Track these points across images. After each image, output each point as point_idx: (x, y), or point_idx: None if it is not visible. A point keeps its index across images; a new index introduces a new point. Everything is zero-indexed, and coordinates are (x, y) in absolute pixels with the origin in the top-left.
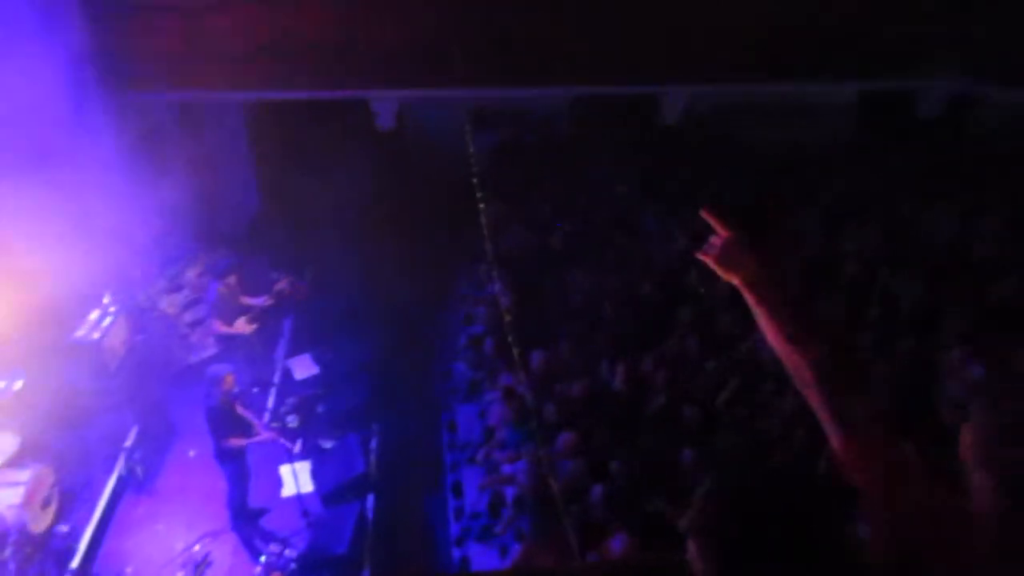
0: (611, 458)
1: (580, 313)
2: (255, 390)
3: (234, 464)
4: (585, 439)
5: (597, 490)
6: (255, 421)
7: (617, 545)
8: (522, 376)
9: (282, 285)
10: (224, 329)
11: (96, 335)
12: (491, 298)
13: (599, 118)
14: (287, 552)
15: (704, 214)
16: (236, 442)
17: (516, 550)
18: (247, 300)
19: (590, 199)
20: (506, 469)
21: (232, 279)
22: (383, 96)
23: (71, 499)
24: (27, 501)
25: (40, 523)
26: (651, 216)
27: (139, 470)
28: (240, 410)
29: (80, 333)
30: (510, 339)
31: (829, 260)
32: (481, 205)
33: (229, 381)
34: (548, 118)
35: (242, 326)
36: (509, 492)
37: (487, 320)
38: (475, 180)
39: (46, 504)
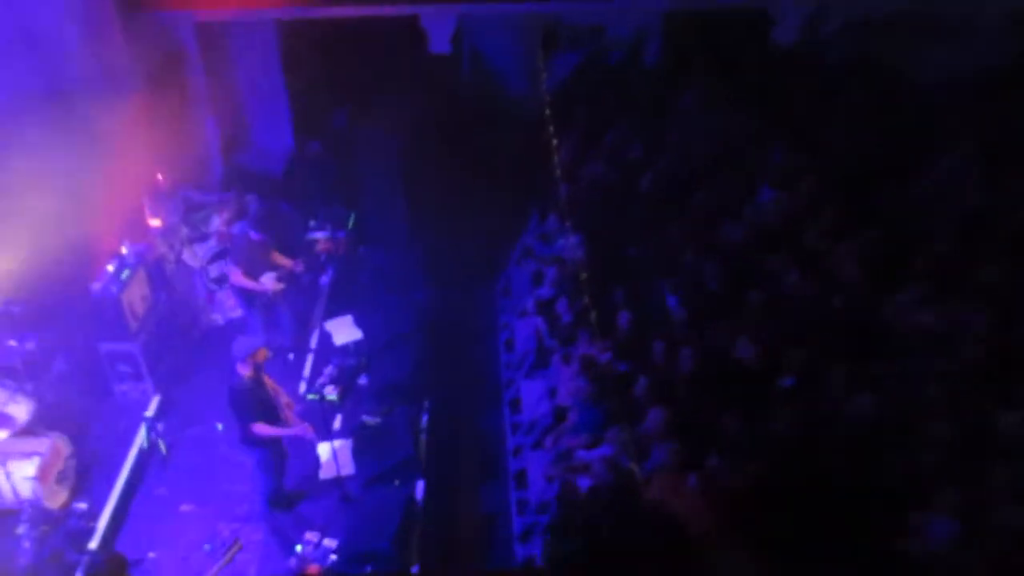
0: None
1: (675, 270)
2: (290, 356)
3: (263, 448)
4: (684, 418)
5: (691, 480)
6: (286, 400)
7: None
8: (603, 345)
9: (322, 245)
10: (244, 282)
11: (114, 290)
12: (564, 253)
13: (697, 37)
14: (325, 542)
15: None
16: (263, 429)
17: None
18: (279, 259)
19: (684, 135)
20: (580, 456)
21: (225, 218)
22: (437, 13)
23: (89, 474)
24: (42, 474)
25: (56, 499)
26: (763, 158)
27: (162, 444)
28: (270, 388)
29: (96, 287)
30: (587, 301)
31: (991, 211)
32: (554, 142)
33: (261, 356)
34: (636, 37)
35: (268, 283)
36: (583, 483)
37: (559, 279)
38: (547, 112)
39: (62, 478)
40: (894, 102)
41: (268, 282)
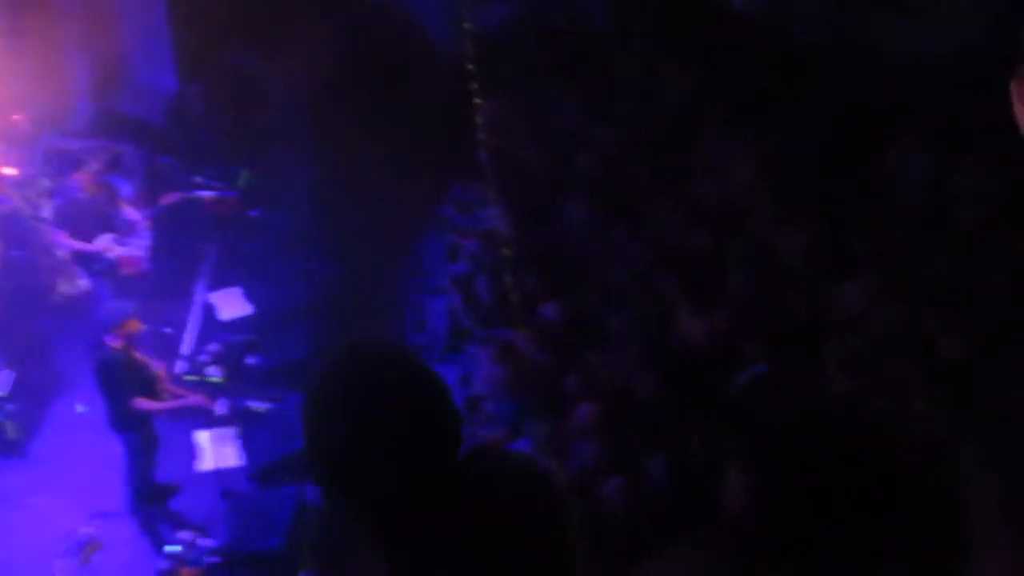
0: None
1: (606, 256)
2: (167, 331)
3: (136, 432)
4: (613, 416)
5: (615, 483)
6: (161, 371)
7: None
8: (526, 331)
9: (208, 205)
10: (74, 244)
11: None
12: (485, 227)
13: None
14: (202, 542)
15: None
16: (140, 405)
17: None
18: (127, 209)
19: (630, 106)
20: None
21: (85, 177)
22: None
23: None
24: None
25: None
26: (709, 135)
27: (12, 428)
28: (142, 360)
29: None
30: (510, 282)
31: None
32: (477, 101)
33: (132, 327)
34: None
35: (106, 244)
36: None
37: (478, 255)
38: (470, 67)
39: None
40: (856, 81)
41: (105, 244)
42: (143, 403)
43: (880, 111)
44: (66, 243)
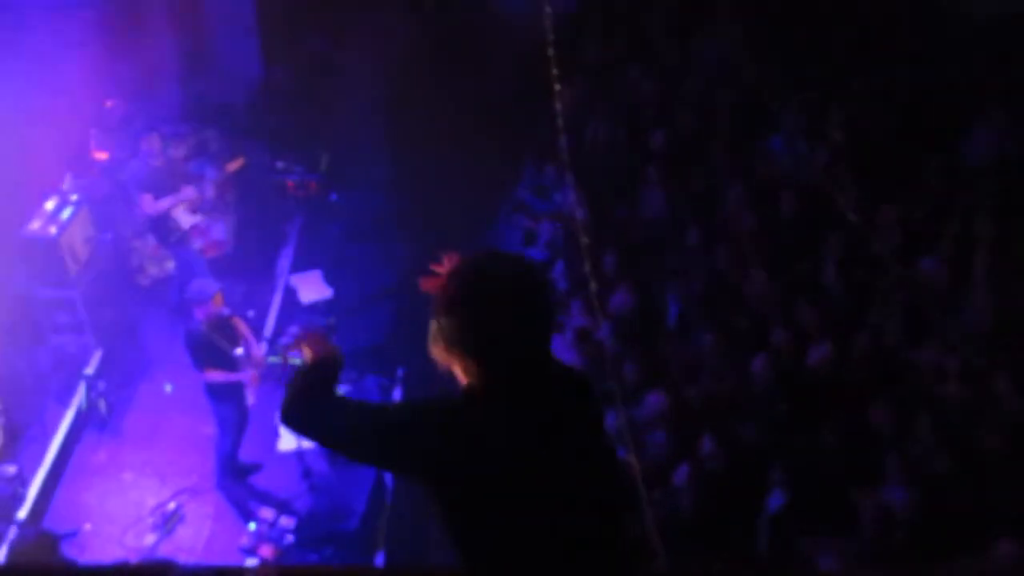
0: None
1: (683, 240)
2: (250, 313)
3: (229, 405)
4: (682, 404)
5: (682, 472)
6: (244, 357)
7: None
8: (600, 320)
9: (291, 189)
10: (158, 205)
11: (53, 230)
12: (561, 211)
13: None
14: (282, 521)
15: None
16: (213, 375)
17: None
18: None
19: (708, 83)
20: None
21: (155, 143)
22: None
23: (19, 435)
24: None
25: None
26: (790, 112)
27: (103, 405)
28: (240, 333)
29: (33, 227)
30: (586, 270)
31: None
32: (556, 86)
33: (217, 301)
34: None
35: (180, 213)
36: None
37: (554, 240)
38: (551, 51)
39: None
40: (943, 45)
41: (179, 212)
42: (212, 374)
43: (959, 82)
44: (150, 206)
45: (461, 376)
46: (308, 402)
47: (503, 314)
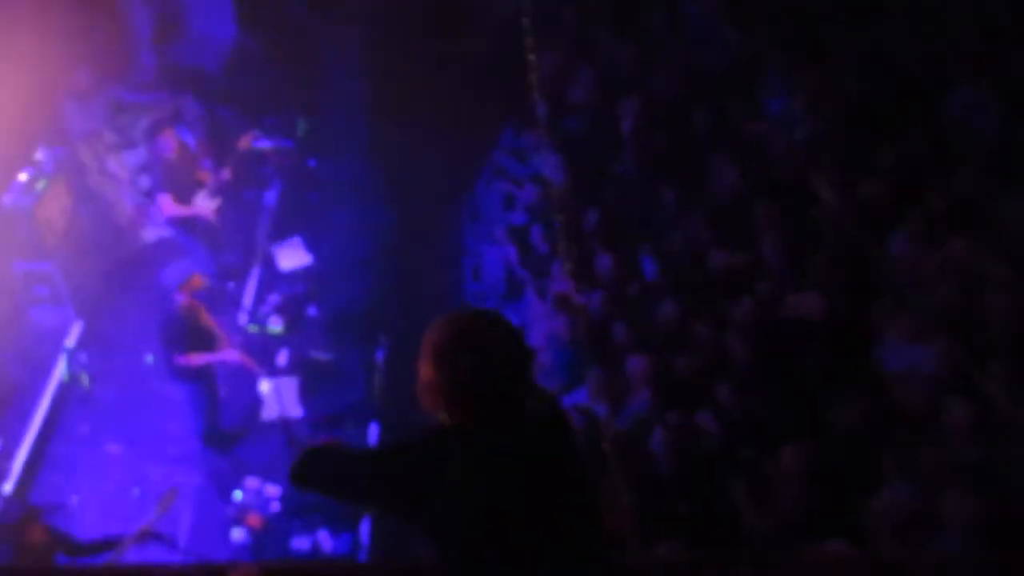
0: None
1: (663, 206)
2: (230, 285)
3: (198, 382)
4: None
5: (658, 436)
6: (222, 335)
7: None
8: (581, 284)
9: (268, 156)
10: (179, 210)
11: (27, 201)
12: (540, 175)
13: None
14: (267, 489)
15: None
16: (194, 359)
17: None
18: (203, 174)
19: (691, 48)
20: None
21: (171, 137)
22: None
23: (2, 409)
24: None
25: None
26: (770, 79)
27: (84, 377)
28: (206, 319)
29: (7, 199)
30: (565, 233)
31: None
32: (531, 49)
33: (196, 283)
34: None
35: (204, 206)
36: None
37: (534, 204)
38: (525, 18)
39: None
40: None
41: (204, 203)
42: (193, 357)
43: (945, 53)
44: (169, 208)
45: (447, 418)
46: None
47: (484, 366)
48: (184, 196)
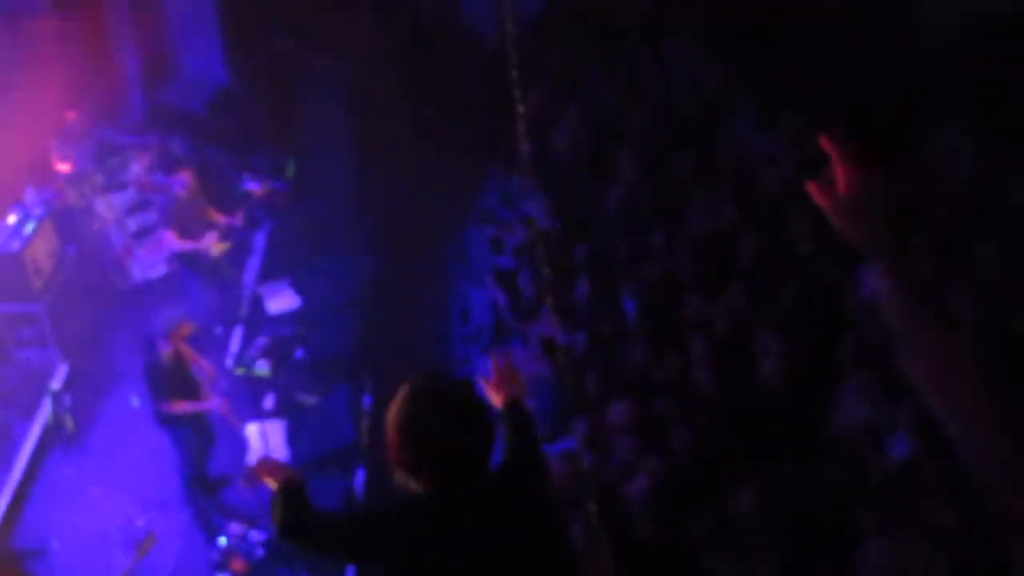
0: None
1: (647, 248)
2: (217, 330)
3: (181, 427)
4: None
5: (640, 482)
6: (209, 371)
7: None
8: (564, 323)
9: (257, 197)
10: (182, 244)
11: (15, 244)
12: (527, 218)
13: None
14: (252, 534)
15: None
16: (177, 407)
17: None
18: (214, 215)
19: (668, 90)
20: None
21: (185, 174)
22: None
23: None
24: None
25: None
26: (747, 119)
27: (69, 420)
28: (192, 362)
29: None
30: (551, 273)
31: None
32: (516, 89)
33: (185, 331)
34: None
35: (211, 244)
36: None
37: (521, 248)
38: (511, 53)
39: None
40: (899, 50)
41: (211, 243)
42: (177, 405)
43: (925, 84)
44: (174, 243)
45: (416, 486)
46: (297, 523)
47: (445, 439)
48: (191, 233)
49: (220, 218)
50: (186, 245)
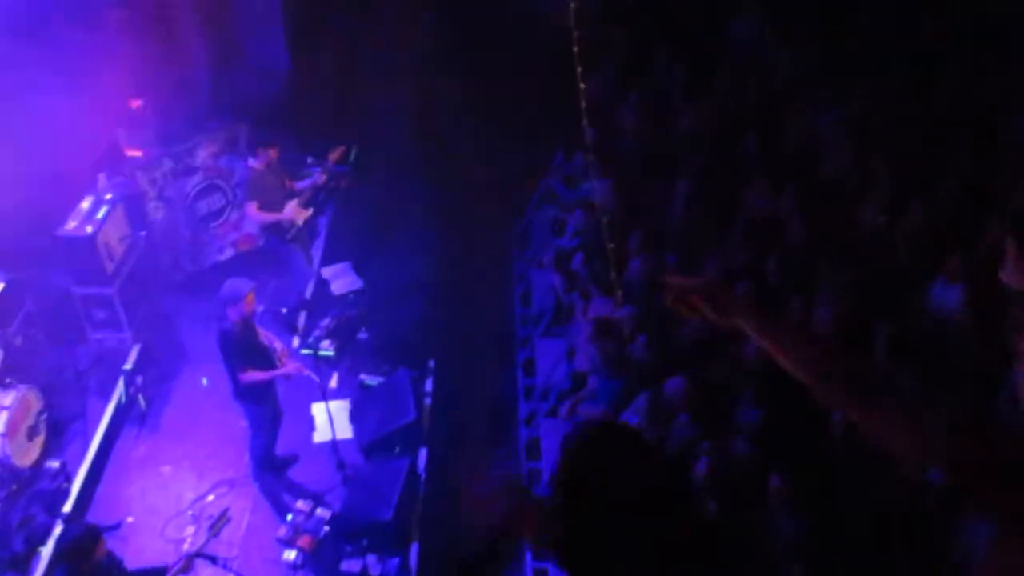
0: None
1: (711, 227)
2: (283, 310)
3: (258, 404)
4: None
5: (702, 464)
6: (280, 348)
7: None
8: (619, 302)
9: (321, 181)
10: (265, 216)
11: (89, 229)
12: (588, 200)
13: None
14: (318, 511)
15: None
16: (253, 376)
17: None
18: (292, 184)
19: (735, 68)
20: None
21: (272, 153)
22: None
23: (61, 431)
24: (10, 429)
25: (26, 456)
26: (809, 97)
27: (141, 400)
28: (262, 335)
29: (70, 226)
30: (609, 252)
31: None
32: (581, 83)
33: (250, 300)
34: None
35: (294, 212)
36: None
37: (582, 229)
38: (576, 39)
39: (33, 434)
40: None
41: (294, 211)
42: (251, 375)
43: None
44: (256, 216)
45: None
46: None
47: (616, 540)
48: (272, 206)
49: (300, 185)
50: (269, 217)
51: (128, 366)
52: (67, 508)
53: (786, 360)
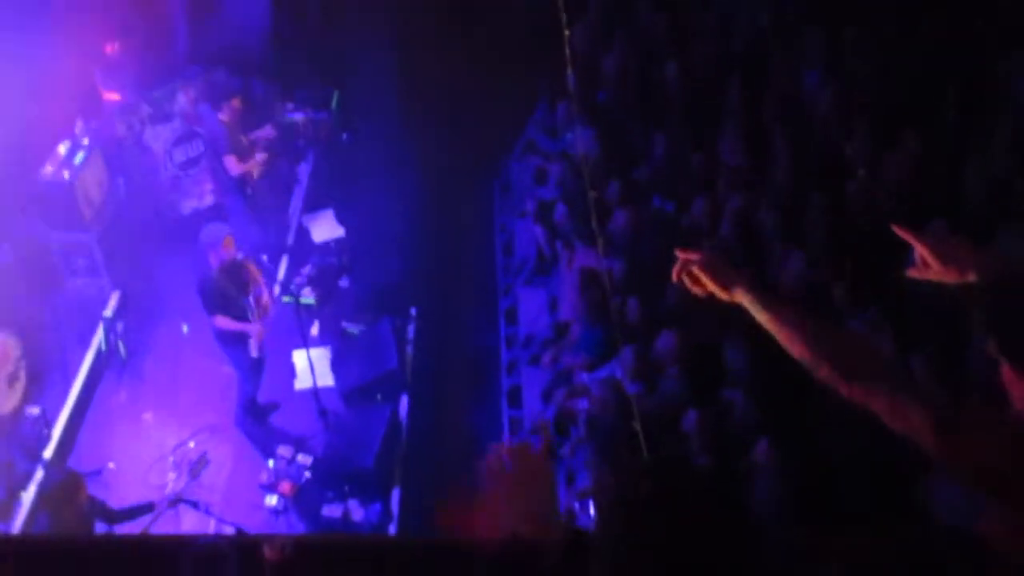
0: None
1: (688, 178)
2: (263, 257)
3: (241, 348)
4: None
5: (691, 417)
6: (266, 299)
7: None
8: (603, 253)
9: (301, 128)
10: (237, 167)
11: (66, 175)
12: (571, 149)
13: None
14: (299, 458)
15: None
16: (221, 321)
17: (585, 480)
18: (249, 136)
19: (721, 23)
20: (581, 378)
21: (235, 103)
22: None
23: (41, 377)
24: None
25: (6, 403)
26: (790, 55)
27: (121, 346)
28: (253, 283)
29: (47, 172)
30: (591, 201)
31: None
32: (564, 20)
33: (227, 244)
34: None
35: (255, 163)
36: (581, 407)
37: (564, 179)
38: None
39: (12, 380)
40: None
41: (255, 163)
42: (221, 321)
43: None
44: (235, 167)
45: None
46: None
47: None
48: (241, 158)
49: (255, 135)
50: (247, 166)
51: (108, 313)
52: (48, 454)
53: (781, 335)
